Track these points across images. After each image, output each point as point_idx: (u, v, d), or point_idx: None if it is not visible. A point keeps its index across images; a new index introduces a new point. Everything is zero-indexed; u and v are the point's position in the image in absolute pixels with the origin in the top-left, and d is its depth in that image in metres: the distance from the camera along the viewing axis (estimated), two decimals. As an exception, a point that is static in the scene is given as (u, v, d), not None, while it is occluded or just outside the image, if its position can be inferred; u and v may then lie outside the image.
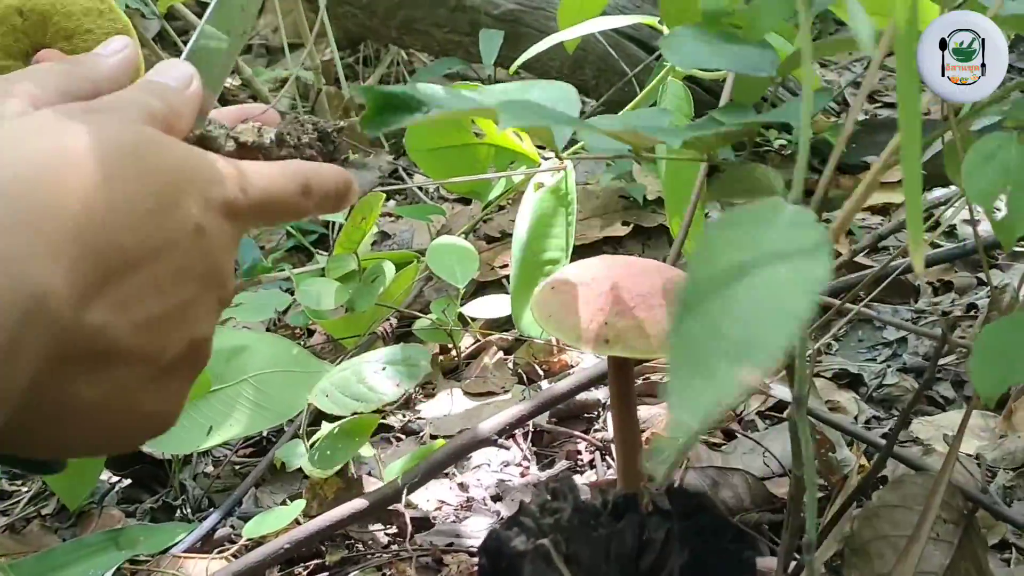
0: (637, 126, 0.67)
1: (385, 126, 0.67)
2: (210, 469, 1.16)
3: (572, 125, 0.69)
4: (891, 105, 2.10)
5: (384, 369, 0.97)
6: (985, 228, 0.70)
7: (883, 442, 0.84)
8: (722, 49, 0.72)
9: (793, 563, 0.85)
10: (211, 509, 1.06)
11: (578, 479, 1.10)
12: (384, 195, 1.33)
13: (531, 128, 0.85)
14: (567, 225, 1.19)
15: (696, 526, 0.70)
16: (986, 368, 0.57)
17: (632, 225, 1.50)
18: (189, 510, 1.07)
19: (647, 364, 1.25)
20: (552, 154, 1.17)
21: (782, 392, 1.08)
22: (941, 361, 1.23)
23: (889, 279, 0.99)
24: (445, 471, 1.08)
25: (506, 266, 1.44)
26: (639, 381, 1.23)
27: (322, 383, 0.98)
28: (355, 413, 0.99)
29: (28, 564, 0.91)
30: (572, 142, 1.13)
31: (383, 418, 1.18)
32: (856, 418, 1.14)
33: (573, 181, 1.18)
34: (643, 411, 1.19)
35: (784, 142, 1.68)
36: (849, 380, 1.21)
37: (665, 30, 0.99)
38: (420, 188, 1.67)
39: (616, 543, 0.69)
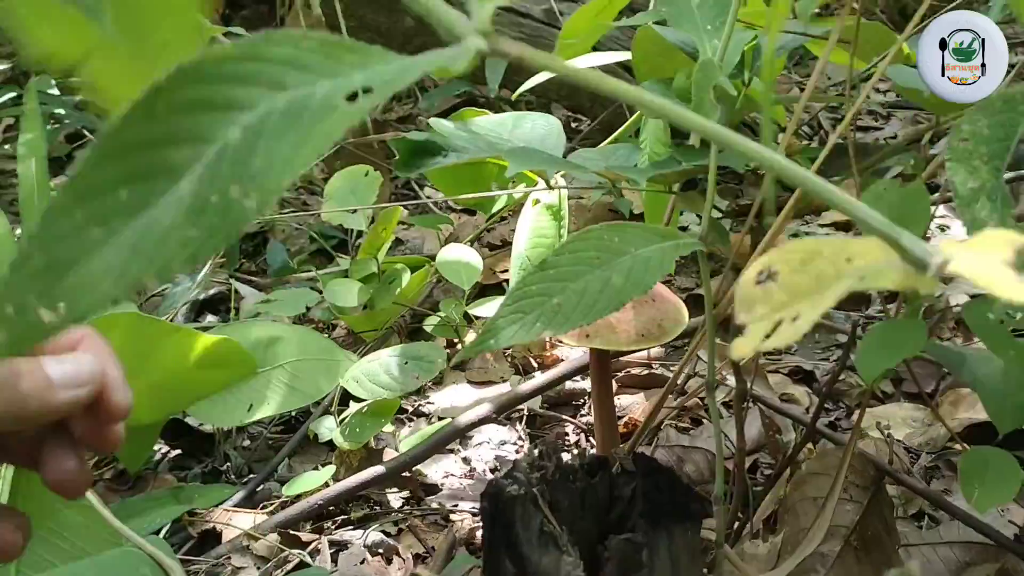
0: (612, 166, 0.85)
1: (416, 169, 0.85)
2: (247, 443, 1.34)
3: (561, 167, 0.87)
4: (863, 128, 2.27)
5: (406, 363, 1.15)
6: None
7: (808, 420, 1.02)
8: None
9: (736, 523, 1.04)
10: (251, 475, 1.24)
11: (565, 457, 1.28)
12: (401, 207, 1.51)
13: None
14: (560, 237, 1.37)
15: (655, 484, 0.88)
16: (869, 357, 0.75)
17: (620, 236, 1.68)
18: (233, 476, 1.25)
19: (625, 360, 1.44)
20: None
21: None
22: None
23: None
24: (451, 448, 1.27)
25: (506, 271, 1.62)
26: (621, 373, 1.41)
27: (353, 371, 1.16)
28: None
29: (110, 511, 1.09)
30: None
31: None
32: (808, 409, 1.32)
33: (565, 200, 1.36)
34: (624, 399, 1.37)
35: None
36: (803, 376, 1.39)
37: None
38: (431, 200, 1.85)
39: (590, 495, 0.87)
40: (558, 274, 0.74)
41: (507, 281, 1.60)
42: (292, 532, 1.07)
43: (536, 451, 0.88)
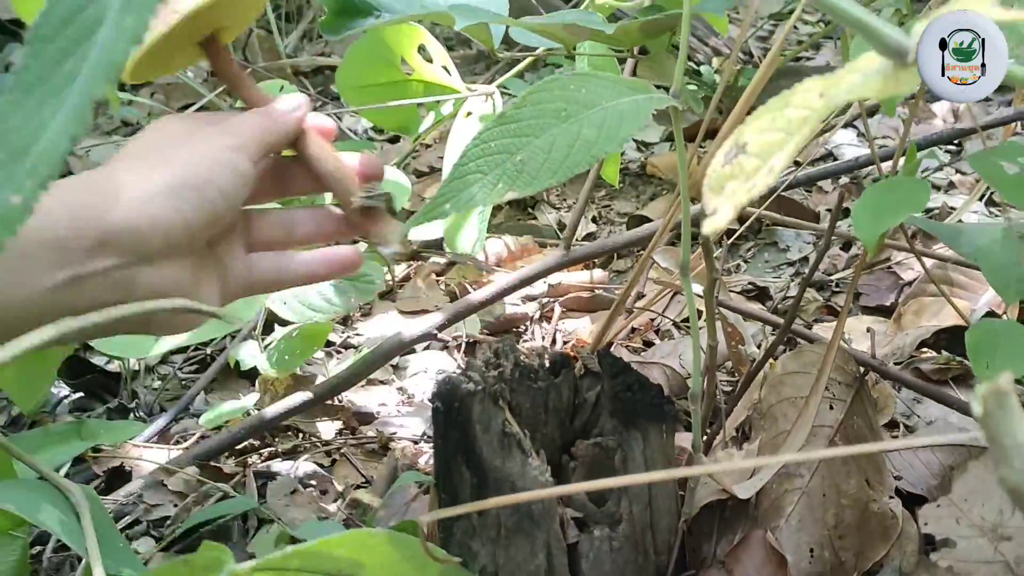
0: (572, 20, 0.75)
1: (344, 30, 0.74)
2: (157, 385, 1.22)
3: (510, 23, 0.77)
4: (797, 58, 2.22)
5: (340, 283, 1.04)
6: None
7: (782, 321, 0.93)
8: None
9: (705, 436, 0.95)
10: (163, 413, 1.12)
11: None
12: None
13: (474, 29, 0.92)
14: (497, 149, 1.27)
15: (624, 384, 0.79)
16: (864, 218, 0.66)
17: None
18: (142, 414, 1.12)
19: (568, 283, 1.34)
20: (478, 88, 1.25)
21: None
22: (839, 275, 1.34)
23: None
24: (383, 379, 1.16)
25: (435, 198, 1.52)
26: (564, 297, 1.32)
27: (282, 293, 1.05)
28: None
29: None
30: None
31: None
32: (763, 325, 1.24)
33: (501, 105, 1.26)
34: (569, 323, 1.28)
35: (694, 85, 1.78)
36: (757, 293, 1.31)
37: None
38: (350, 130, 1.73)
39: (553, 396, 0.77)
40: (520, 128, 0.64)
41: (437, 208, 1.49)
42: (213, 464, 0.95)
43: (492, 349, 0.78)
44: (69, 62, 0.37)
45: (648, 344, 1.23)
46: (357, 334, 1.28)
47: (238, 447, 0.99)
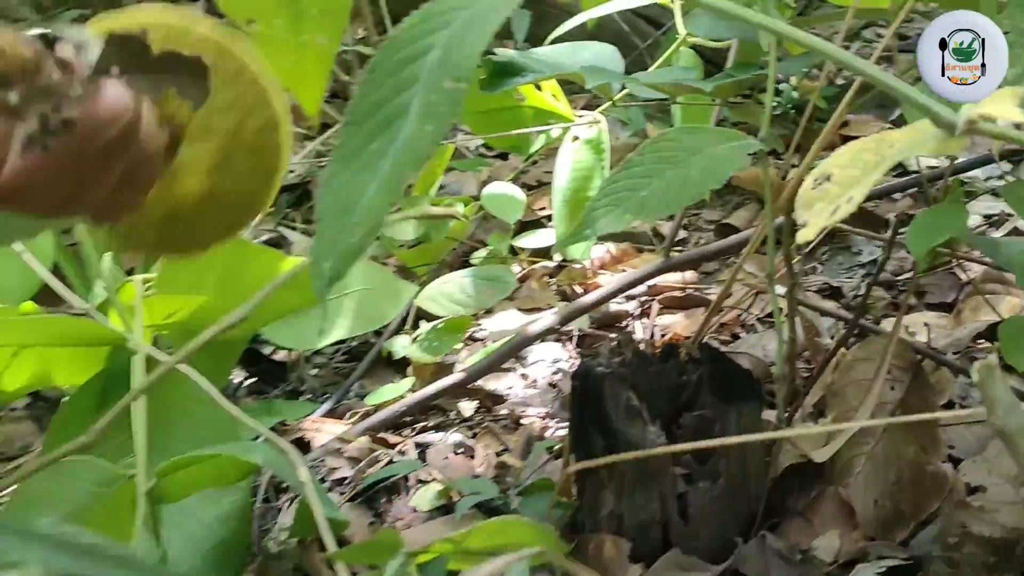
0: (676, 79, 0.94)
1: (500, 88, 0.95)
2: (315, 372, 1.44)
3: (630, 82, 0.96)
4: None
5: (479, 282, 1.25)
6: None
7: (851, 316, 1.12)
8: (729, 24, 1.00)
9: (787, 412, 1.14)
10: (327, 395, 1.34)
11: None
12: (451, 147, 1.60)
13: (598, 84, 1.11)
14: (601, 170, 1.46)
15: (720, 369, 0.98)
16: (917, 236, 0.85)
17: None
18: (310, 396, 1.34)
19: (663, 283, 1.53)
20: (583, 114, 1.45)
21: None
22: (905, 276, 1.51)
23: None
24: (509, 366, 1.36)
25: (543, 209, 1.72)
26: (661, 296, 1.51)
27: (428, 292, 1.26)
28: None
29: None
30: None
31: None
32: (836, 320, 1.42)
33: (606, 134, 1.45)
34: (665, 319, 1.47)
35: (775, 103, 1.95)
36: (831, 292, 1.49)
37: (676, 9, 1.26)
38: (467, 148, 1.94)
39: (664, 378, 0.97)
40: (641, 171, 0.84)
41: (545, 218, 1.69)
42: (380, 435, 1.16)
43: (614, 341, 0.98)
44: (375, 143, 0.49)
45: (735, 337, 1.42)
46: (481, 329, 1.49)
47: (398, 422, 1.20)
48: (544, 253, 1.60)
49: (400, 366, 1.35)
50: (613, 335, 1.44)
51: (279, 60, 0.70)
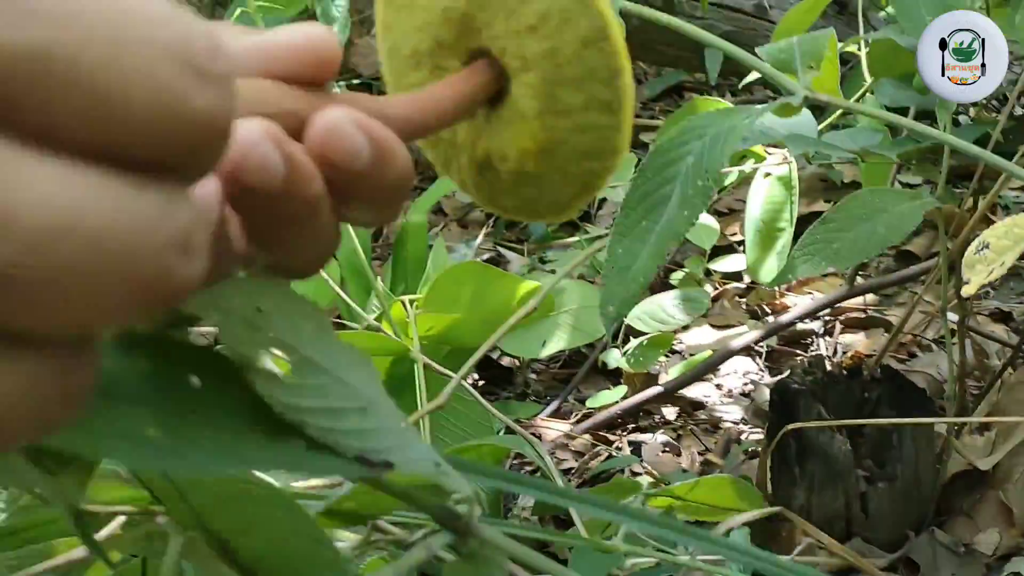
0: (864, 145, 1.13)
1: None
2: (535, 377, 1.67)
3: (828, 148, 1.15)
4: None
5: (679, 304, 1.46)
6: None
7: (1016, 341, 1.27)
8: (910, 95, 1.18)
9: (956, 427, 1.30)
10: (548, 398, 1.57)
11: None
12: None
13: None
14: (791, 203, 1.65)
15: (898, 387, 1.16)
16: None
17: (832, 202, 1.95)
18: (535, 398, 1.58)
19: (845, 305, 1.70)
20: (774, 150, 1.64)
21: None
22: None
23: None
24: (705, 378, 1.57)
25: (734, 234, 1.91)
26: (843, 316, 1.68)
27: (636, 311, 1.47)
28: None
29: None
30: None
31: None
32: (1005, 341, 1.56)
33: (796, 171, 1.63)
34: (846, 338, 1.65)
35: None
36: (1001, 316, 1.64)
37: (865, 70, 1.43)
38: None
39: (849, 394, 1.16)
40: (837, 226, 1.03)
41: (737, 243, 1.89)
42: (599, 433, 1.39)
43: (806, 362, 1.17)
44: (645, 222, 0.71)
45: (911, 355, 1.58)
46: (680, 343, 1.70)
47: (613, 423, 1.42)
48: (735, 275, 1.80)
49: (611, 374, 1.57)
50: (799, 352, 1.63)
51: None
